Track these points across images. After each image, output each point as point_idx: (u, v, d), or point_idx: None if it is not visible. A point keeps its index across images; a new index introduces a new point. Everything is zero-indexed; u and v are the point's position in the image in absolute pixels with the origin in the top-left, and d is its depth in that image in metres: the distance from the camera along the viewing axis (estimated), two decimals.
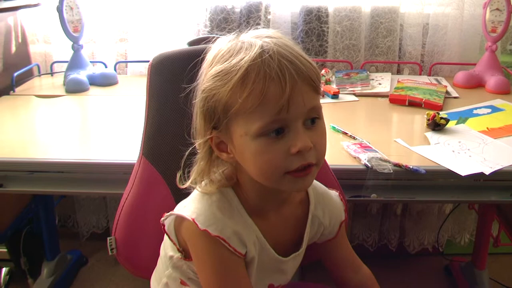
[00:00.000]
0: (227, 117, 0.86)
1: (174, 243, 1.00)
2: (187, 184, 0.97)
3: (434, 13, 2.23)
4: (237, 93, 0.83)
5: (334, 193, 1.13)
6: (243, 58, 0.84)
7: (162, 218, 0.99)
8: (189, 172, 0.98)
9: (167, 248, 1.06)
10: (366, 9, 2.24)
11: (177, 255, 1.02)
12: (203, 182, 0.96)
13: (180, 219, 0.96)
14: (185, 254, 1.00)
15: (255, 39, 0.87)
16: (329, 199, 1.10)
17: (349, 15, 2.21)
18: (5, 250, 2.06)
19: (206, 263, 0.94)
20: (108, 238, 1.14)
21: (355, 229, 2.46)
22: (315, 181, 1.06)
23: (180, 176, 0.99)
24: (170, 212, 0.98)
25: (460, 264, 2.27)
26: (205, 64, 0.92)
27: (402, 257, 2.49)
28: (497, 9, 2.04)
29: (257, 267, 0.99)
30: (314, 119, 0.88)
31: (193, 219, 0.92)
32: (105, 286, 2.28)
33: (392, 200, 1.45)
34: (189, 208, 0.96)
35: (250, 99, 0.82)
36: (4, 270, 2.17)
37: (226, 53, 0.88)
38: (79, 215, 2.52)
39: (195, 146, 0.96)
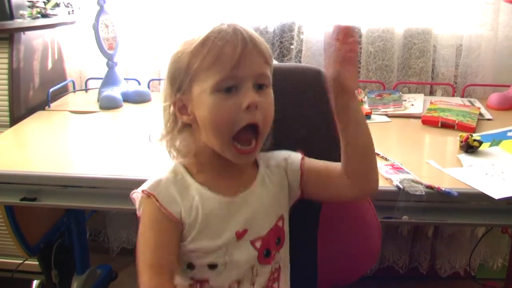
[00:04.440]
0: (189, 76, 0.97)
1: None
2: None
3: (468, 34, 2.21)
4: (197, 53, 0.96)
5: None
6: (206, 30, 0.98)
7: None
8: None
9: None
10: (399, 30, 2.24)
11: None
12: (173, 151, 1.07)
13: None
14: None
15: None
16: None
17: (382, 35, 2.21)
18: (37, 262, 2.08)
19: (142, 223, 1.00)
20: None
21: (385, 251, 2.44)
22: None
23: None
24: (133, 191, 1.04)
25: None
26: None
27: (433, 280, 2.45)
28: None
29: (207, 215, 1.00)
30: (262, 85, 0.98)
31: (143, 190, 1.00)
32: None
33: (423, 222, 1.44)
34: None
35: (207, 58, 0.95)
36: (35, 282, 2.20)
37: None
38: (110, 230, 2.55)
39: None
